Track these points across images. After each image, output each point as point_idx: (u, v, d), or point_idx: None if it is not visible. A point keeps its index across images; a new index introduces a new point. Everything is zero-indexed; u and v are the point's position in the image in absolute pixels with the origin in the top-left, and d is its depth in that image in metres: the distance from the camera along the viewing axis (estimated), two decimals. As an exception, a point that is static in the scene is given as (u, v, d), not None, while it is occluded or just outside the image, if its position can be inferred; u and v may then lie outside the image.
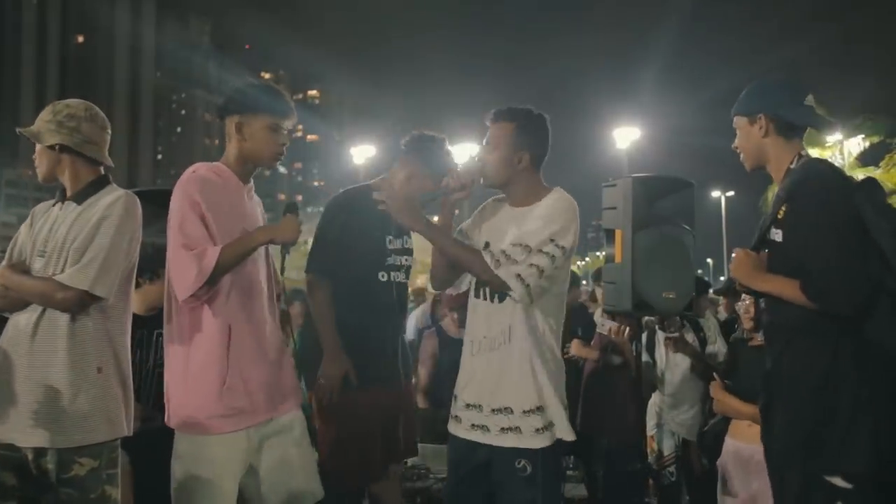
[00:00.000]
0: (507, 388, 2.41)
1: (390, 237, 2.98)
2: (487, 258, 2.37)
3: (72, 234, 2.28)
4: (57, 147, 2.37)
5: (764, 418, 2.31)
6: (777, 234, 2.21)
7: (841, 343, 2.11)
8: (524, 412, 2.38)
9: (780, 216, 2.20)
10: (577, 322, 4.57)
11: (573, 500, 4.47)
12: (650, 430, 4.27)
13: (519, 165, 2.45)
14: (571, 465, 4.87)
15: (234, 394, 2.34)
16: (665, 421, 4.26)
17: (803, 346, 2.16)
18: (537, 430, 2.38)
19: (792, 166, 2.26)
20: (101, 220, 2.28)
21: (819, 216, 2.12)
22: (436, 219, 2.59)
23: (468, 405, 2.48)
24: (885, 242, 2.05)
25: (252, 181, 2.56)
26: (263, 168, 2.53)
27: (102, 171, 2.43)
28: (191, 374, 2.36)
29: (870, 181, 2.26)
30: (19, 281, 2.26)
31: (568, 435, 2.43)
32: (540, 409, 2.39)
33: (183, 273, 2.28)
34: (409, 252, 3.05)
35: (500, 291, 2.40)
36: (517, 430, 2.38)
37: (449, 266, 2.59)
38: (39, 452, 2.19)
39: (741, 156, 2.40)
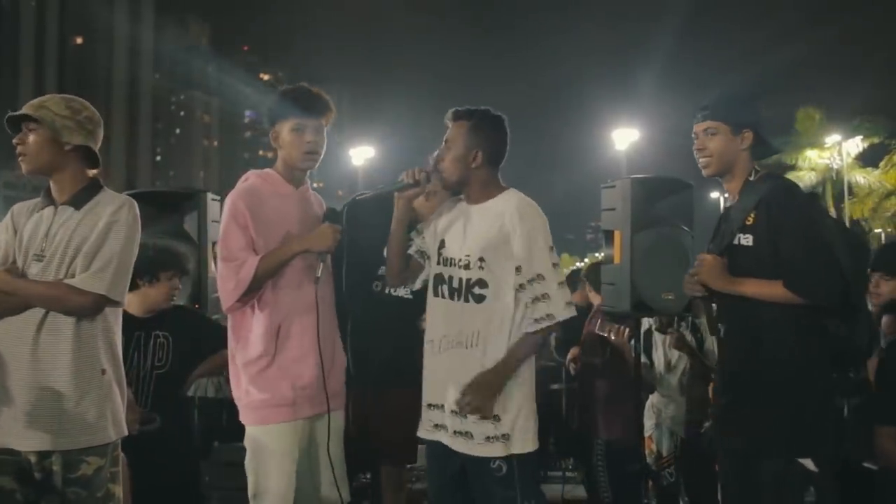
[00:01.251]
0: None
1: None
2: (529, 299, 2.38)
3: (76, 238, 2.26)
4: (71, 147, 2.31)
5: (728, 413, 2.44)
6: (747, 239, 2.37)
7: (810, 338, 2.32)
8: (478, 419, 2.34)
9: (748, 222, 2.37)
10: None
11: (572, 501, 4.47)
12: (648, 430, 4.27)
13: (473, 163, 2.45)
14: (571, 466, 4.87)
15: (279, 387, 2.50)
16: (663, 421, 4.26)
17: (777, 343, 2.32)
18: (487, 438, 2.34)
19: (751, 178, 2.44)
20: (111, 225, 2.27)
21: (800, 221, 2.31)
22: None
23: (430, 405, 2.47)
24: (845, 260, 2.27)
25: (308, 182, 2.70)
26: (304, 170, 2.64)
27: (91, 175, 2.38)
28: (241, 368, 2.55)
29: (814, 197, 2.53)
30: (25, 286, 2.22)
31: (527, 447, 2.37)
32: (495, 417, 2.35)
33: (224, 284, 2.48)
34: None
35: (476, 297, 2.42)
36: (467, 434, 2.36)
37: (403, 264, 2.60)
38: (44, 454, 2.18)
39: (703, 160, 2.47)
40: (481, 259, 2.41)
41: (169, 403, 3.03)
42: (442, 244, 2.52)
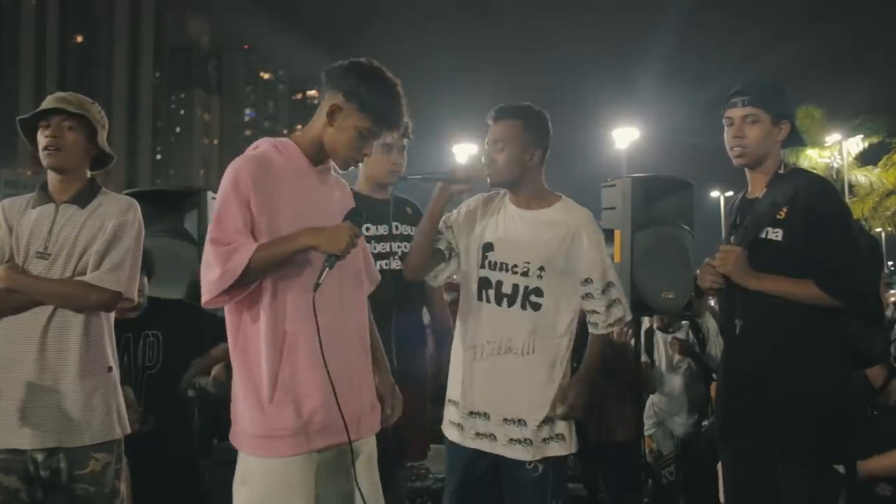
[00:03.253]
0: (522, 399, 2.38)
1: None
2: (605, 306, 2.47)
3: (83, 237, 2.27)
4: (96, 150, 2.37)
5: (746, 414, 2.32)
6: (776, 234, 2.26)
7: (836, 340, 2.23)
8: (539, 424, 2.37)
9: (780, 216, 2.26)
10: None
11: (573, 501, 4.47)
12: (648, 430, 4.28)
13: (530, 163, 2.44)
14: (571, 465, 4.87)
15: (283, 413, 1.98)
16: (663, 421, 4.26)
17: (802, 343, 2.22)
18: (544, 440, 2.38)
19: (780, 171, 2.34)
20: (121, 225, 2.29)
21: (839, 220, 2.23)
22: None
23: (472, 413, 2.43)
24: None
25: (331, 163, 2.17)
26: (341, 169, 2.18)
27: (89, 175, 2.41)
28: (239, 384, 2.03)
29: None
30: (37, 283, 2.22)
31: (574, 446, 2.45)
32: (553, 419, 2.40)
33: (207, 272, 1.93)
34: (398, 238, 2.91)
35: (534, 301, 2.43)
36: (527, 441, 2.36)
37: (428, 257, 2.52)
38: (51, 452, 2.19)
39: (739, 149, 2.35)
40: (541, 268, 2.40)
41: (163, 403, 3.01)
42: (489, 247, 2.46)
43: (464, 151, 19.06)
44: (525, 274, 2.40)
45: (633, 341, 3.71)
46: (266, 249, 1.92)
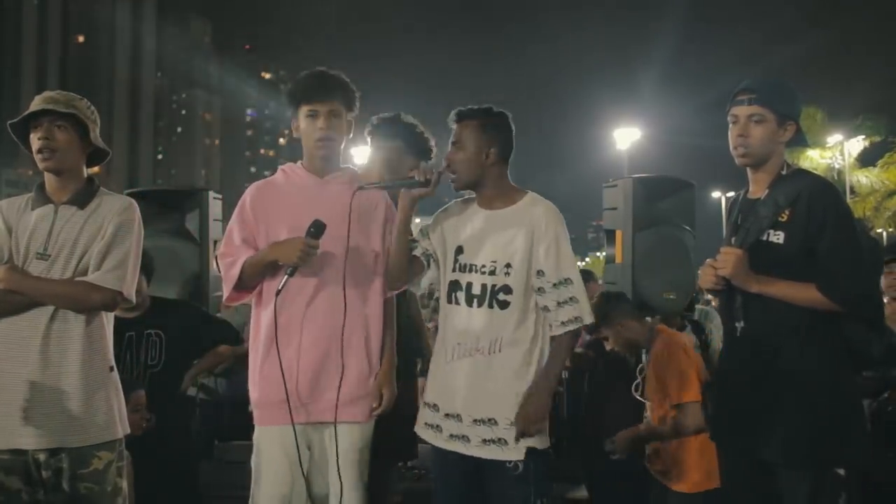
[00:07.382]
0: (492, 400, 2.37)
1: None
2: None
3: (83, 238, 2.26)
4: (90, 147, 2.36)
5: (746, 418, 2.30)
6: (777, 237, 2.23)
7: (836, 343, 2.21)
8: (511, 424, 2.34)
9: (782, 219, 2.23)
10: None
11: (573, 501, 4.46)
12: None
13: (487, 161, 2.44)
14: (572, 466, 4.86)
15: (269, 388, 2.41)
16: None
17: (807, 347, 2.21)
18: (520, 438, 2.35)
19: (784, 173, 2.31)
20: (121, 225, 2.29)
21: (842, 223, 2.19)
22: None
23: (448, 415, 2.43)
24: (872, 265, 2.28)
25: (339, 172, 2.56)
26: (321, 157, 2.51)
27: (86, 174, 2.39)
28: (250, 363, 2.53)
29: None
30: (37, 284, 2.21)
31: (546, 443, 2.41)
32: None
33: (222, 279, 2.50)
34: None
35: (499, 302, 2.40)
36: (501, 441, 2.34)
37: (407, 265, 2.54)
38: (54, 452, 2.19)
39: (742, 149, 2.31)
40: (508, 265, 2.40)
41: (165, 402, 3.01)
42: (460, 250, 2.48)
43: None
44: (493, 273, 2.41)
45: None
46: (250, 261, 2.41)
